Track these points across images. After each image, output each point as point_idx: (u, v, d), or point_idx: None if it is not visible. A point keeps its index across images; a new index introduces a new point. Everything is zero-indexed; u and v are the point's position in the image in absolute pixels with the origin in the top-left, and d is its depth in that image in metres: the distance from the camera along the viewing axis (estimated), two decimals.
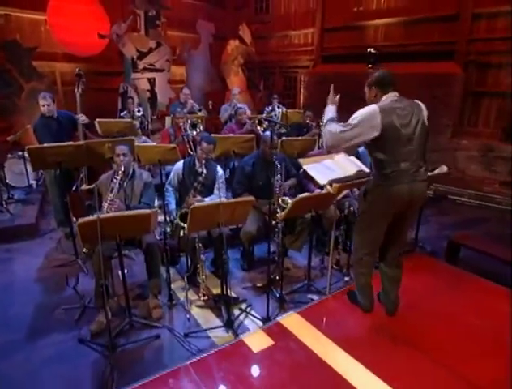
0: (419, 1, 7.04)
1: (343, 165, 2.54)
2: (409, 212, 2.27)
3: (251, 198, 2.60)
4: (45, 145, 3.18)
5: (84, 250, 2.95)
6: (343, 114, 2.38)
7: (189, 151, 4.02)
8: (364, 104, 2.31)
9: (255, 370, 1.99)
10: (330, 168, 2.47)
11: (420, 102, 2.27)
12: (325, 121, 2.31)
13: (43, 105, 3.62)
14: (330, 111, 2.37)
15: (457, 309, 2.60)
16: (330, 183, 2.34)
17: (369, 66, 7.49)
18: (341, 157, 2.62)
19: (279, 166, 3.04)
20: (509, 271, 3.10)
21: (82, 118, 3.81)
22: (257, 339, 2.22)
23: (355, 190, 3.40)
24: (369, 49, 7.40)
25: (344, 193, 3.15)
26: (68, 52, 6.67)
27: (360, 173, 2.51)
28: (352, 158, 2.67)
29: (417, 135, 2.17)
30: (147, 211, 2.43)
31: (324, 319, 2.43)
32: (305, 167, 2.48)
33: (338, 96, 2.47)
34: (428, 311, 2.57)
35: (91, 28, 6.51)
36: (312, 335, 2.25)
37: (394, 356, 2.14)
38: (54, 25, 6.45)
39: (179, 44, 8.02)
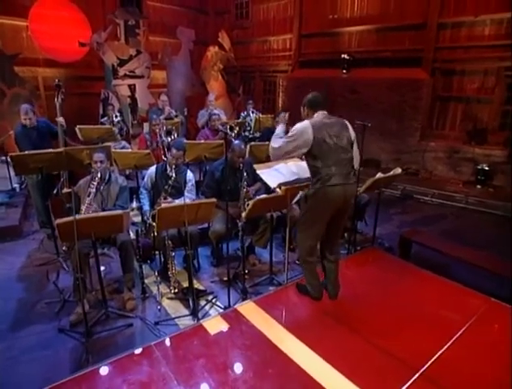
0: (389, 10, 7.43)
1: (293, 169, 2.86)
2: (343, 209, 2.63)
3: (213, 200, 2.91)
4: (27, 152, 3.42)
5: (64, 247, 3.21)
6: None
7: (163, 157, 4.30)
8: (341, 107, 2.67)
9: (211, 350, 2.29)
10: (281, 173, 2.79)
11: (346, 121, 2.67)
12: (272, 137, 2.64)
13: (24, 119, 3.87)
14: (279, 129, 2.74)
15: (398, 298, 2.93)
16: (280, 186, 2.66)
17: (344, 71, 7.88)
18: (293, 162, 2.94)
19: (245, 174, 3.36)
20: (455, 265, 3.47)
21: (60, 119, 4.00)
22: (214, 324, 2.52)
23: None
24: (343, 55, 7.79)
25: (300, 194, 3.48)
26: (50, 57, 6.87)
27: (307, 177, 2.83)
28: (302, 163, 2.99)
29: (346, 146, 2.56)
30: (119, 212, 2.70)
31: (276, 307, 2.74)
32: (258, 171, 2.80)
33: (287, 115, 2.82)
34: (371, 299, 2.89)
35: (73, 35, 6.72)
36: (263, 320, 2.56)
37: (336, 337, 2.46)
38: (36, 31, 6.65)
39: (161, 48, 8.26)
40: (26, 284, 3.46)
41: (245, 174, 3.39)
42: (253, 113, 6.03)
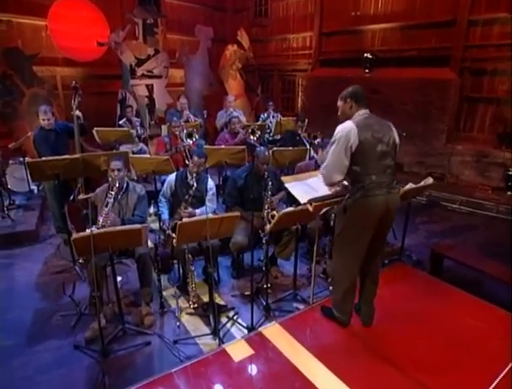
0: (416, 6, 7.10)
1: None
2: (386, 223, 2.37)
3: (237, 213, 2.74)
4: (43, 159, 3.33)
5: (80, 260, 3.10)
6: (338, 117, 2.48)
7: (186, 161, 4.14)
8: None
9: (235, 379, 2.13)
10: (312, 187, 2.59)
11: (389, 122, 2.41)
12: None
13: (43, 119, 3.77)
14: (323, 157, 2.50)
15: (433, 323, 2.71)
16: (310, 202, 2.47)
17: (366, 70, 7.59)
18: None
19: (270, 184, 3.18)
20: (489, 283, 3.22)
21: (77, 112, 3.84)
22: (238, 349, 2.36)
23: None
24: (365, 54, 7.50)
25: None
26: (68, 57, 6.81)
27: (339, 192, 2.63)
28: None
29: (390, 151, 2.31)
30: (138, 226, 2.57)
31: (303, 330, 2.57)
32: (286, 185, 2.60)
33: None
34: (403, 322, 2.69)
35: (91, 35, 6.64)
36: (290, 345, 2.39)
37: (368, 367, 2.27)
38: (55, 31, 6.59)
39: (178, 47, 8.13)
40: (42, 293, 3.38)
41: (269, 183, 3.20)
42: (273, 117, 5.83)
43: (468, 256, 3.62)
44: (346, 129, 2.24)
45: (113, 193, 2.96)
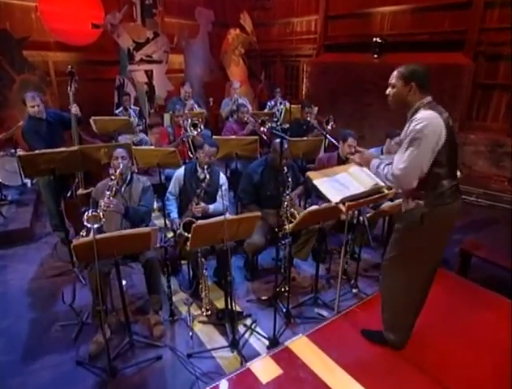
0: None
1: (358, 178, 2.36)
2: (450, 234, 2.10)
3: (258, 213, 2.44)
4: (37, 152, 2.97)
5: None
6: (344, 105, 2.16)
7: (189, 153, 3.82)
8: (371, 95, 2.08)
9: None
10: (342, 184, 2.29)
11: None
12: (375, 171, 2.07)
13: (32, 106, 3.37)
14: (373, 164, 2.10)
15: (476, 332, 2.48)
16: (343, 202, 2.17)
17: (375, 56, 7.24)
18: (355, 169, 2.44)
19: (290, 180, 2.87)
20: None
21: (74, 109, 3.53)
22: (265, 368, 2.10)
23: None
24: (374, 39, 7.14)
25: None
26: (61, 40, 6.36)
27: (375, 188, 2.34)
28: (367, 170, 2.49)
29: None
30: (147, 229, 2.27)
31: (334, 343, 2.30)
32: (315, 182, 2.29)
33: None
34: (443, 332, 2.44)
35: (85, 16, 6.19)
36: (322, 362, 2.13)
37: (410, 386, 2.02)
38: (46, 12, 6.12)
39: (177, 31, 7.68)
40: (39, 300, 3.08)
41: (289, 179, 2.90)
42: (281, 103, 5.48)
43: (498, 254, 3.37)
44: (434, 122, 1.81)
45: (114, 179, 2.68)
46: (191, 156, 4.00)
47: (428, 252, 2.05)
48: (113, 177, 2.71)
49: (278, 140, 3.21)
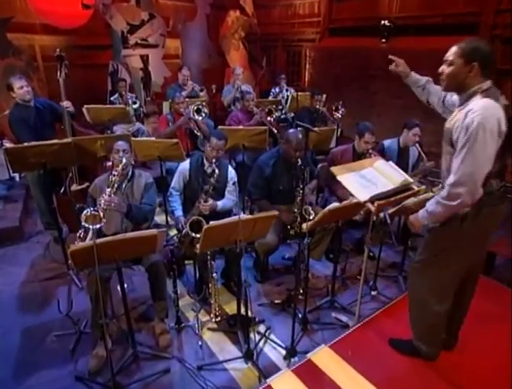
0: None
1: (386, 174, 2.12)
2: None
3: (274, 212, 2.19)
4: (26, 144, 2.67)
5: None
6: (350, 93, 1.90)
7: (187, 142, 3.51)
8: (379, 82, 1.82)
9: None
10: (369, 180, 2.05)
11: None
12: (430, 215, 1.79)
13: (20, 87, 3.02)
14: (422, 215, 1.83)
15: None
16: (372, 200, 1.93)
17: (383, 40, 6.93)
18: (381, 163, 2.20)
19: (306, 174, 2.61)
20: None
21: (67, 105, 3.26)
22: (286, 384, 1.88)
23: None
24: (382, 22, 6.82)
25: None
26: (48, 23, 5.93)
27: (405, 184, 2.11)
28: (393, 164, 2.25)
29: None
30: (154, 231, 2.02)
31: (360, 355, 2.09)
32: (339, 178, 2.04)
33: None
34: (482, 343, 2.24)
35: None
36: (350, 377, 1.92)
37: None
38: None
39: (173, 14, 7.26)
40: (31, 306, 2.81)
41: (305, 173, 2.64)
42: (287, 90, 5.18)
43: None
44: (494, 114, 1.56)
45: (118, 169, 2.44)
46: (197, 134, 3.73)
47: (466, 256, 1.86)
48: (114, 173, 2.46)
49: (291, 130, 2.96)
